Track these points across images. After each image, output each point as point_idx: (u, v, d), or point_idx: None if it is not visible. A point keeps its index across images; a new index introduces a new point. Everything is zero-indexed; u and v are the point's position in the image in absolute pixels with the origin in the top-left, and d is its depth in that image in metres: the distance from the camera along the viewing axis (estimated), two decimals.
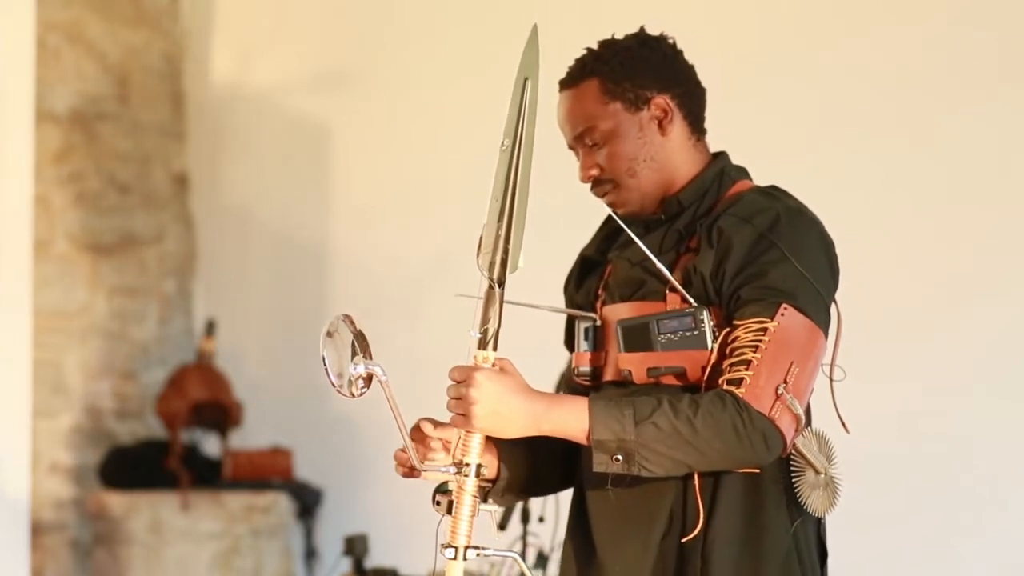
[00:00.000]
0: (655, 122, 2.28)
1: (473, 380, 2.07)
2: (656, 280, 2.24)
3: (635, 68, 2.27)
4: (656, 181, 2.28)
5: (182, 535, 5.05)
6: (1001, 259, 4.00)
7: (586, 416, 2.09)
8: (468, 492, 2.10)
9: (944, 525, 4.01)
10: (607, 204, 2.31)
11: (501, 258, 2.13)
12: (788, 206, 2.22)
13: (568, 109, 2.30)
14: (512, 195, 2.14)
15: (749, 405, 2.09)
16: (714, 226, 2.20)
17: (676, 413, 2.08)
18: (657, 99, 2.27)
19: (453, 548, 2.08)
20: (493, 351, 2.11)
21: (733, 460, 2.12)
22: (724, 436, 2.08)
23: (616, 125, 2.26)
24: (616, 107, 2.27)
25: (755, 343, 2.11)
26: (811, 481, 2.19)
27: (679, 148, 2.30)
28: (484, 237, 2.16)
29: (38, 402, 5.00)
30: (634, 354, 2.22)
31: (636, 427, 2.07)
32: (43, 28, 5.08)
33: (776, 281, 2.14)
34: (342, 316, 2.15)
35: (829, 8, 4.32)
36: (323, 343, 2.13)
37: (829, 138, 4.26)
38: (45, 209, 5.28)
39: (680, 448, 2.08)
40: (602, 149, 2.27)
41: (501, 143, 2.16)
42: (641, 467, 2.08)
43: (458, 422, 2.10)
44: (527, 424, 2.09)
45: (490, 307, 2.12)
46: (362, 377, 2.11)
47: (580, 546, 2.32)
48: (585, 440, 2.09)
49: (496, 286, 2.13)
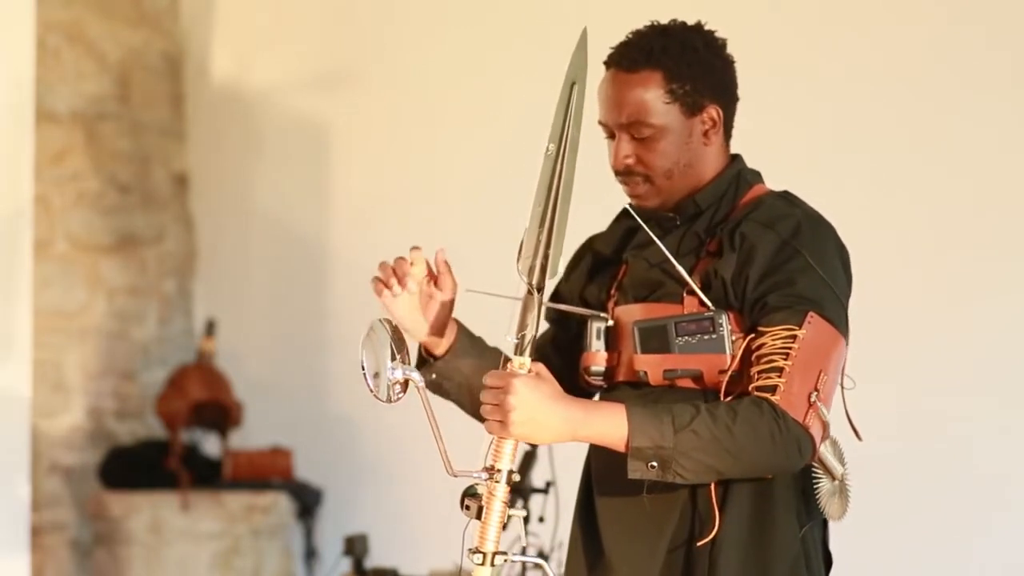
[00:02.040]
0: (702, 129, 2.26)
1: (511, 387, 2.04)
2: (674, 282, 2.23)
3: (700, 73, 2.25)
4: (686, 185, 2.27)
5: (182, 535, 5.05)
6: (1001, 259, 4.00)
7: (625, 423, 2.08)
8: (499, 498, 2.08)
9: (944, 525, 4.01)
10: (629, 195, 2.30)
11: (541, 263, 2.12)
12: (807, 213, 2.23)
13: (621, 94, 2.24)
14: (555, 201, 2.12)
15: (786, 413, 2.09)
16: (736, 231, 2.19)
17: (715, 420, 2.07)
18: (710, 108, 2.26)
19: (481, 554, 2.07)
20: (529, 357, 2.09)
21: (766, 467, 2.13)
22: (761, 443, 2.08)
23: (668, 125, 2.24)
24: (674, 108, 2.24)
25: (785, 350, 2.11)
26: (828, 488, 2.20)
27: (713, 156, 2.29)
28: (525, 242, 2.14)
29: (38, 402, 4.99)
30: (651, 356, 2.22)
31: (675, 435, 2.06)
32: (43, 28, 5.08)
33: (804, 289, 2.14)
34: (381, 320, 2.12)
35: (829, 9, 4.32)
36: (362, 347, 2.09)
37: (829, 139, 4.26)
38: (45, 209, 5.28)
39: (717, 455, 2.07)
40: (646, 145, 2.24)
41: (546, 148, 2.14)
42: (676, 474, 2.08)
43: (494, 428, 2.07)
44: (564, 431, 2.08)
45: (528, 313, 2.11)
46: (399, 382, 2.09)
47: (588, 547, 2.31)
48: (623, 447, 2.08)
49: (535, 291, 2.11)
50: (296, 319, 5.59)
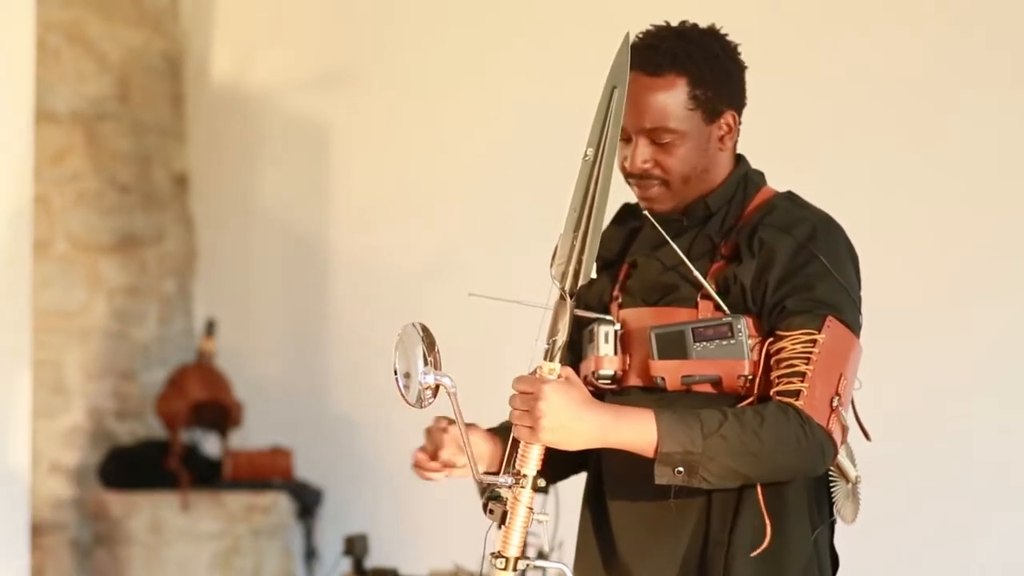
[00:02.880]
0: (719, 134, 2.26)
1: (542, 393, 2.04)
2: (689, 286, 2.23)
3: (721, 80, 2.25)
4: (700, 189, 2.27)
5: (182, 535, 5.05)
6: (1001, 259, 4.00)
7: (654, 429, 2.08)
8: (523, 503, 2.08)
9: (945, 525, 4.01)
10: (640, 197, 2.29)
11: (575, 269, 2.10)
12: (819, 216, 2.24)
13: (644, 98, 2.22)
14: (591, 206, 2.11)
15: (811, 418, 2.10)
16: (755, 236, 2.19)
17: (743, 426, 2.08)
18: (727, 115, 2.26)
19: (504, 559, 2.07)
20: (559, 363, 2.08)
21: (790, 472, 2.13)
22: (787, 448, 2.08)
23: (690, 131, 2.23)
24: (696, 115, 2.23)
25: (806, 355, 2.12)
26: (844, 491, 2.21)
27: (725, 160, 2.30)
28: (560, 247, 2.13)
29: (38, 402, 4.99)
30: (668, 362, 2.21)
31: (704, 440, 2.07)
32: (43, 28, 5.07)
33: (822, 294, 2.15)
34: (414, 324, 2.09)
35: (829, 9, 4.32)
36: (394, 350, 2.07)
37: (829, 139, 4.26)
38: (45, 209, 5.28)
39: (743, 460, 2.08)
40: (666, 150, 2.23)
41: (584, 153, 2.13)
42: (702, 479, 2.09)
43: (524, 434, 2.07)
44: (593, 437, 2.08)
45: (560, 318, 2.10)
46: (431, 387, 2.07)
47: (603, 551, 2.30)
48: (652, 453, 2.08)
49: (568, 297, 2.10)
50: (296, 319, 5.59)
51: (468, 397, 2.14)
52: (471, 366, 2.17)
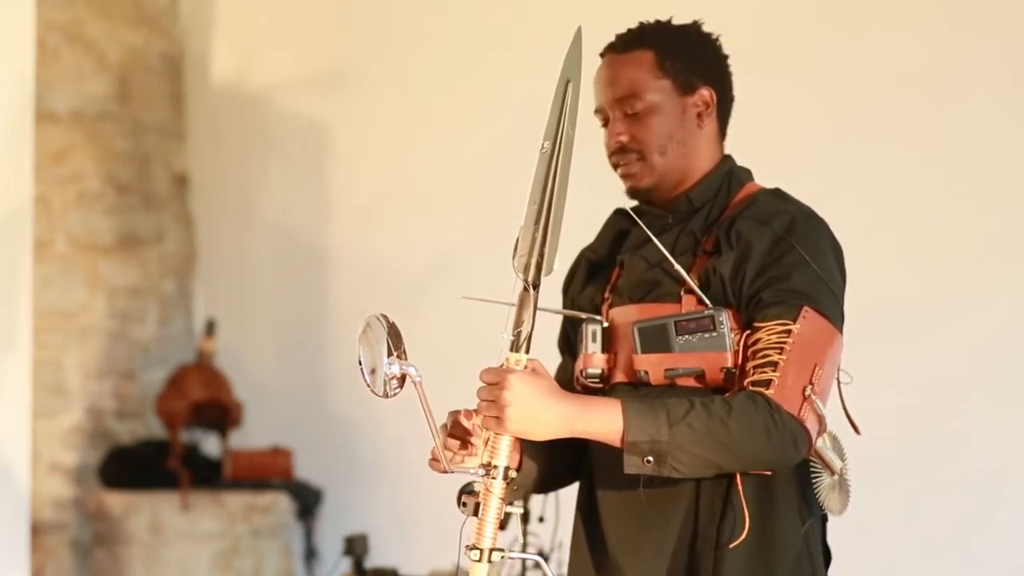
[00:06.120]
0: (695, 111, 2.29)
1: (507, 382, 2.05)
2: (672, 282, 2.24)
3: (692, 54, 2.30)
4: (679, 166, 2.29)
5: (182, 535, 5.05)
6: (1001, 260, 4.00)
7: (620, 418, 2.08)
8: (495, 495, 2.08)
9: (942, 524, 4.01)
10: (622, 176, 2.31)
11: (536, 261, 2.12)
12: (801, 209, 2.24)
13: (614, 73, 2.30)
14: (550, 199, 2.13)
15: (780, 407, 2.09)
16: (732, 229, 2.20)
17: (709, 414, 2.08)
18: (703, 90, 2.30)
19: (478, 550, 2.07)
20: (525, 354, 2.09)
21: (762, 461, 2.13)
22: (756, 437, 2.08)
23: (661, 101, 2.28)
24: (666, 84, 2.28)
25: (779, 345, 2.12)
26: (828, 483, 2.21)
27: (706, 142, 2.31)
28: (520, 240, 2.15)
29: (38, 402, 5.00)
30: (651, 355, 2.22)
31: (670, 428, 2.07)
32: (43, 28, 5.08)
33: (798, 284, 2.15)
34: (377, 315, 2.10)
35: (828, 11, 4.33)
36: (359, 342, 2.08)
37: (829, 140, 4.26)
38: (45, 209, 5.29)
39: (712, 449, 2.08)
40: (639, 120, 2.28)
41: (540, 146, 2.15)
42: (672, 468, 2.08)
43: (490, 424, 2.08)
44: (560, 426, 2.08)
45: (524, 310, 2.10)
46: (396, 377, 2.07)
47: (592, 543, 2.31)
48: (619, 442, 2.09)
49: (531, 289, 2.11)
50: (296, 319, 5.59)
51: (468, 397, 2.15)
52: (471, 366, 2.17)
